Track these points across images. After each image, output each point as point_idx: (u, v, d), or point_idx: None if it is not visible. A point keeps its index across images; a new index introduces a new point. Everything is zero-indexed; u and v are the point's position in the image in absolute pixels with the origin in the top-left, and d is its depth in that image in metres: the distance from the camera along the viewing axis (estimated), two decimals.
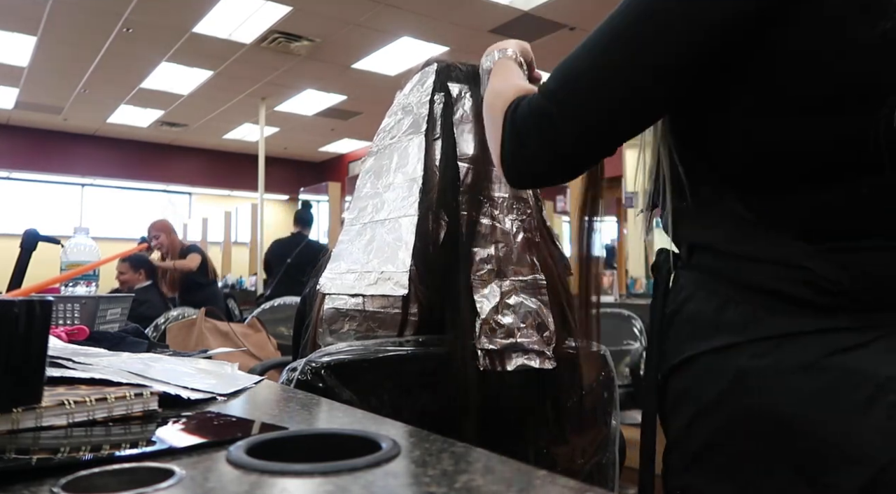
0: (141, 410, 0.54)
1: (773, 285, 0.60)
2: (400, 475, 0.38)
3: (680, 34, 0.59)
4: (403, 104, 1.04)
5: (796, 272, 0.59)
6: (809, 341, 0.58)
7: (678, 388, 0.65)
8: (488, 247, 0.91)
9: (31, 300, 0.48)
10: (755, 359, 0.59)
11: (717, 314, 0.63)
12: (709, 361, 0.62)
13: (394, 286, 0.89)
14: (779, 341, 0.58)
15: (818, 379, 0.56)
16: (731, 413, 0.60)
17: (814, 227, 0.59)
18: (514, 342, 0.88)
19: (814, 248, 0.58)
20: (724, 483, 0.60)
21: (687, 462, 0.63)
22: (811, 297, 0.58)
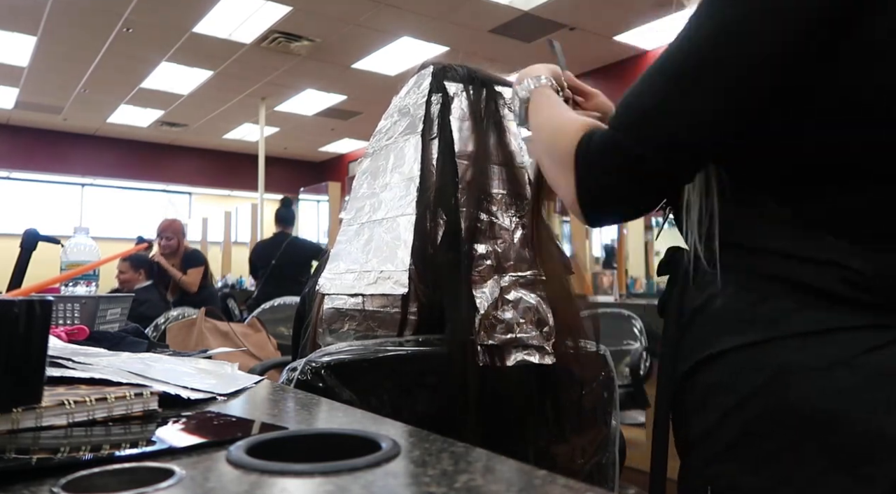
0: (141, 410, 0.54)
1: (810, 281, 0.60)
2: (400, 475, 0.38)
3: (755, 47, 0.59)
4: (400, 106, 1.05)
5: (833, 269, 0.59)
6: (845, 337, 0.58)
7: (709, 382, 0.65)
8: (487, 243, 0.92)
9: (31, 300, 0.48)
10: (793, 354, 0.60)
11: (750, 309, 0.63)
12: (744, 355, 0.62)
13: (393, 285, 0.89)
14: (815, 337, 0.59)
15: (854, 375, 0.57)
16: (768, 406, 0.60)
17: (851, 228, 0.60)
18: (513, 337, 0.88)
19: (851, 247, 0.59)
20: (758, 473, 0.60)
21: (719, 452, 0.63)
22: (847, 294, 0.59)
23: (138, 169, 10.25)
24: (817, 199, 0.62)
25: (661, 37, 6.15)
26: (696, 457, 0.67)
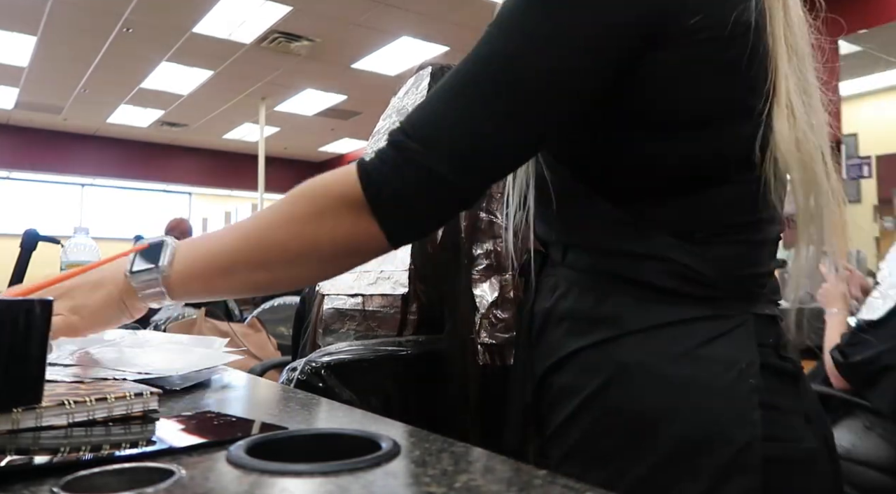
0: (141, 410, 0.54)
1: (645, 278, 0.62)
2: (400, 475, 0.38)
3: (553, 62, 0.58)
4: (398, 107, 1.05)
5: (665, 264, 0.61)
6: (679, 331, 0.61)
7: (560, 383, 0.66)
8: (487, 242, 0.92)
9: (30, 300, 0.48)
10: (631, 352, 0.61)
11: (594, 308, 0.64)
12: (589, 355, 0.63)
13: (393, 285, 0.89)
14: (654, 332, 0.61)
15: (687, 368, 0.59)
16: (607, 406, 0.62)
17: (682, 226, 0.62)
18: (513, 336, 0.88)
19: (680, 243, 0.61)
20: (598, 472, 0.61)
21: (566, 452, 0.64)
22: (679, 287, 0.61)
23: (138, 169, 10.25)
24: (649, 200, 0.63)
25: None
26: (549, 455, 0.67)
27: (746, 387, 0.58)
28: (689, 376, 0.59)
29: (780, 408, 0.60)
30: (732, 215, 0.63)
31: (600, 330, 0.63)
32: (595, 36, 0.58)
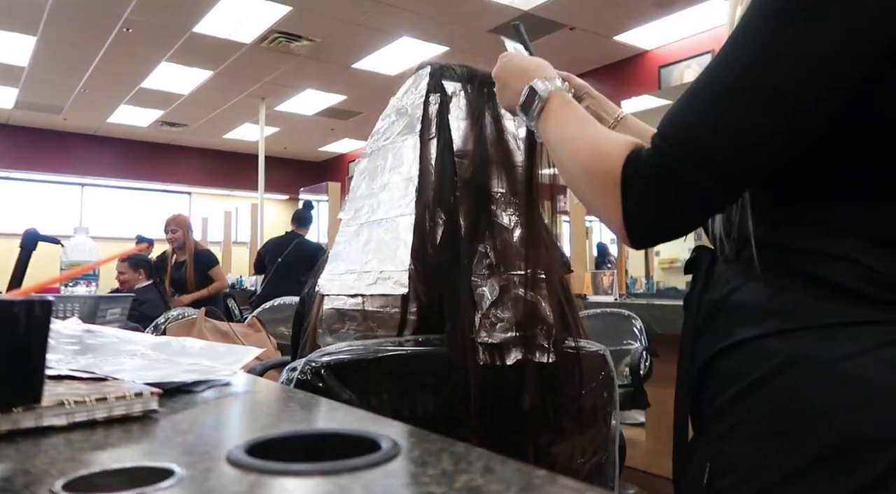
0: (141, 410, 0.54)
1: (829, 276, 0.61)
2: (400, 475, 0.38)
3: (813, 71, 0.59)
4: (397, 107, 1.05)
5: (853, 266, 0.61)
6: (858, 331, 0.60)
7: (726, 368, 0.67)
8: (486, 241, 0.92)
9: (31, 300, 0.48)
10: (805, 345, 0.61)
11: (769, 301, 0.65)
12: (759, 344, 0.64)
13: (394, 285, 0.89)
14: (832, 329, 0.61)
15: (864, 366, 0.58)
16: (773, 393, 0.62)
17: (873, 230, 0.61)
18: (513, 336, 0.88)
19: (873, 247, 0.60)
20: (753, 455, 0.63)
21: (723, 432, 0.66)
22: (866, 291, 0.60)
23: (138, 169, 10.24)
24: (842, 206, 0.63)
25: (661, 37, 6.15)
26: (702, 437, 0.69)
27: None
28: (865, 374, 0.58)
29: None
30: None
31: (773, 321, 0.63)
32: (837, 49, 0.58)
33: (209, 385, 0.68)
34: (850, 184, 0.63)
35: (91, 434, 0.49)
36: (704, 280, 0.73)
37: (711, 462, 0.66)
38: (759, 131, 0.61)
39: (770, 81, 0.60)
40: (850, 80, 0.59)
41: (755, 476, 0.62)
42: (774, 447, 0.62)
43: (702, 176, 0.61)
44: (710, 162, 0.61)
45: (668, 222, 0.65)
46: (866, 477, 0.57)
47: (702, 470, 0.67)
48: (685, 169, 0.61)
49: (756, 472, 0.62)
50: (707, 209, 0.66)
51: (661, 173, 0.63)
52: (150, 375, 0.65)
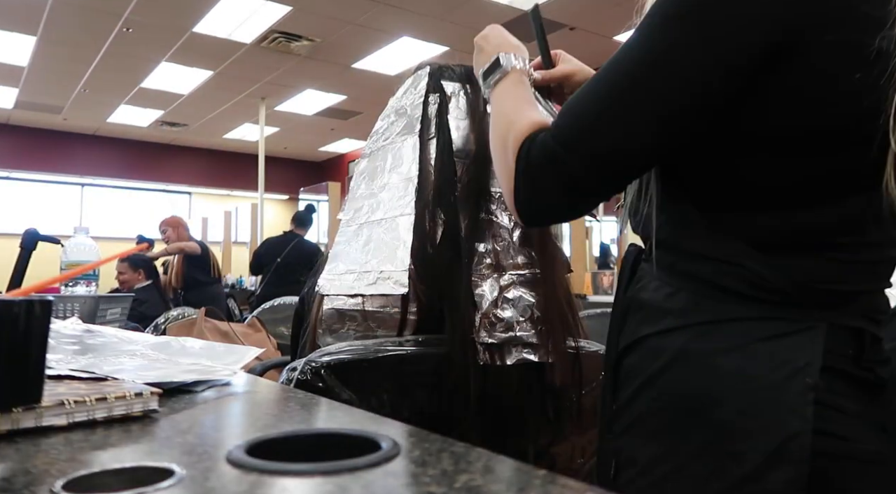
0: (141, 410, 0.54)
1: (717, 279, 0.65)
2: (400, 474, 0.38)
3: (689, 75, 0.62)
4: (396, 107, 1.05)
5: (739, 270, 0.64)
6: (743, 326, 0.64)
7: (628, 365, 0.71)
8: (486, 241, 0.92)
9: (31, 300, 0.48)
10: (692, 341, 0.65)
11: (665, 300, 0.69)
12: (654, 342, 0.69)
13: (393, 285, 0.89)
14: (715, 325, 0.65)
15: (743, 360, 0.62)
16: (664, 387, 0.66)
17: (761, 239, 0.65)
18: (513, 336, 0.88)
19: (757, 253, 0.64)
20: (650, 447, 0.66)
21: (624, 428, 0.70)
22: (749, 292, 0.64)
23: (138, 169, 10.24)
24: (734, 213, 0.66)
25: None
26: (610, 433, 0.73)
27: (800, 385, 0.60)
28: (738, 367, 0.62)
29: (844, 411, 0.61)
30: (833, 235, 0.64)
31: (667, 319, 0.68)
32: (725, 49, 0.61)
33: (209, 385, 0.68)
34: (735, 190, 0.66)
35: (91, 434, 0.49)
36: (628, 277, 0.76)
37: (616, 457, 0.70)
38: (630, 129, 0.64)
39: (646, 83, 0.63)
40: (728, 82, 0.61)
41: (647, 470, 0.66)
42: (663, 441, 0.66)
43: (577, 164, 0.65)
44: (587, 153, 0.65)
45: (548, 203, 0.69)
46: (742, 469, 0.59)
47: (608, 466, 0.71)
48: (564, 156, 0.65)
49: (648, 466, 0.66)
50: (583, 195, 0.68)
51: (544, 156, 0.67)
52: (150, 375, 0.65)
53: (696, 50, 0.61)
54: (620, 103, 0.64)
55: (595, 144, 0.65)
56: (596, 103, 0.66)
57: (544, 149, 0.67)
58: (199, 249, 4.44)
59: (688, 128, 0.64)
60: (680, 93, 0.62)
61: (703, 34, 0.61)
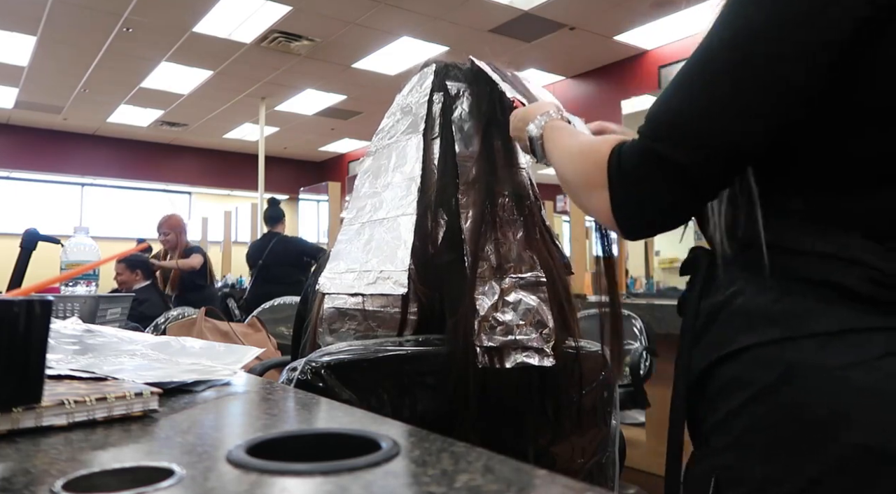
0: (141, 410, 0.54)
1: (834, 278, 0.60)
2: (400, 474, 0.38)
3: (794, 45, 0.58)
4: (402, 105, 1.04)
5: (859, 268, 0.59)
6: (861, 339, 0.58)
7: (728, 376, 0.65)
8: (488, 243, 0.92)
9: (30, 300, 0.48)
10: (808, 354, 0.59)
11: (772, 306, 0.63)
12: (763, 352, 0.62)
13: (393, 285, 0.89)
14: (833, 337, 0.59)
15: (867, 376, 0.57)
16: (777, 402, 0.61)
17: (881, 228, 0.60)
18: (512, 339, 0.88)
19: (879, 246, 0.59)
20: (761, 467, 0.61)
21: (728, 443, 0.64)
22: (872, 292, 0.58)
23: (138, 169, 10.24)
24: (844, 200, 0.61)
25: (661, 37, 6.15)
26: (705, 448, 0.68)
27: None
28: (870, 384, 0.57)
29: None
30: None
31: (777, 328, 0.62)
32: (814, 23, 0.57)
33: (209, 384, 0.68)
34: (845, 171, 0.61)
35: (91, 434, 0.49)
36: (703, 283, 0.71)
37: (717, 475, 0.64)
38: (736, 108, 0.60)
39: (747, 60, 0.59)
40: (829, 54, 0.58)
41: (763, 490, 0.61)
42: (781, 460, 0.60)
43: (681, 152, 0.60)
44: (689, 139, 0.61)
45: (655, 205, 0.64)
46: (878, 492, 0.55)
47: (706, 484, 0.65)
48: (665, 147, 0.61)
49: (763, 486, 0.61)
50: (693, 190, 0.63)
51: (642, 155, 0.63)
52: (150, 375, 0.65)
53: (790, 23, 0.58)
54: (718, 86, 0.60)
55: (697, 131, 0.61)
56: (688, 92, 0.62)
57: (642, 153, 0.63)
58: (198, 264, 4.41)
59: (802, 101, 0.60)
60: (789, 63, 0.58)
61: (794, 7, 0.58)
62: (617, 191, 0.65)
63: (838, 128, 0.61)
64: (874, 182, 0.60)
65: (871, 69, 0.58)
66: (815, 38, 0.58)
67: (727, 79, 0.60)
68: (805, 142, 0.62)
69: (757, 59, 0.59)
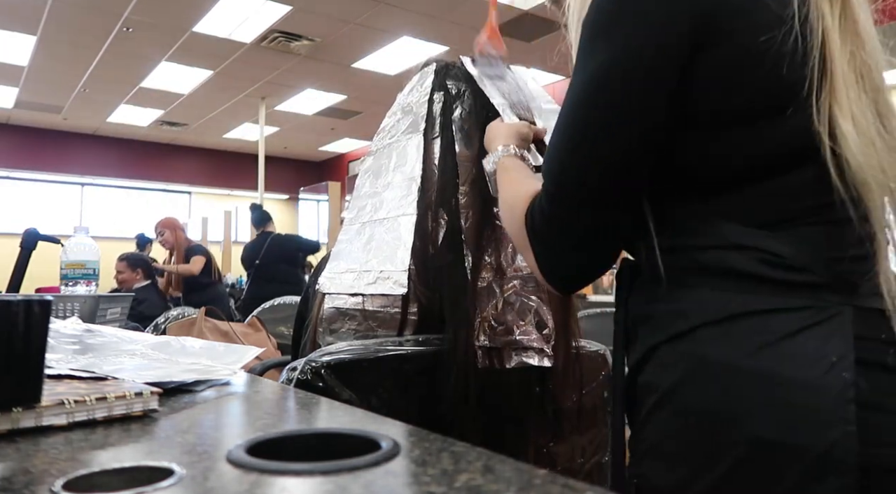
0: (141, 410, 0.54)
1: (726, 265, 0.61)
2: (400, 474, 0.38)
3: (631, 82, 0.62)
4: (403, 104, 1.04)
5: (747, 251, 0.61)
6: (759, 322, 0.58)
7: (641, 382, 0.66)
8: (488, 244, 0.91)
9: (30, 299, 0.48)
10: (708, 346, 0.60)
11: (670, 303, 0.64)
12: (666, 350, 0.63)
13: (393, 285, 0.89)
14: (732, 322, 0.59)
15: (769, 361, 0.57)
16: (681, 404, 0.61)
17: (754, 216, 0.62)
18: (513, 339, 0.88)
19: (756, 230, 0.61)
20: (672, 473, 0.61)
21: (644, 449, 0.64)
22: (761, 271, 0.59)
23: (138, 168, 10.24)
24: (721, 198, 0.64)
25: None
26: (632, 452, 0.68)
27: (838, 383, 0.54)
28: (768, 370, 0.56)
29: (888, 409, 0.55)
30: (804, 199, 0.62)
31: (676, 323, 0.63)
32: (652, 53, 0.61)
33: (209, 384, 0.68)
34: (700, 174, 0.64)
35: (91, 433, 0.49)
36: (627, 293, 0.72)
37: (637, 482, 0.65)
38: (594, 160, 0.64)
39: (595, 110, 0.63)
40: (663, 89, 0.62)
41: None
42: (686, 465, 0.60)
43: (562, 209, 0.66)
44: (570, 198, 0.65)
45: (567, 263, 0.69)
46: (782, 487, 0.54)
47: (629, 491, 0.66)
48: (557, 210, 0.66)
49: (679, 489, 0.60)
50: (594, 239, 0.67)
51: (542, 217, 0.67)
52: (150, 374, 0.65)
53: (623, 63, 0.62)
54: (574, 139, 0.65)
55: (569, 186, 0.65)
56: (557, 144, 0.66)
57: (541, 211, 0.68)
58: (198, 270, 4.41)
59: (651, 139, 0.64)
60: (631, 100, 0.62)
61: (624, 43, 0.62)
62: (539, 255, 0.69)
63: (695, 138, 0.64)
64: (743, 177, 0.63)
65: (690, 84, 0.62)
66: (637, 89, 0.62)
67: (578, 136, 0.65)
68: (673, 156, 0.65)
69: (602, 101, 0.63)
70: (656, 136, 0.64)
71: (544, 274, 0.69)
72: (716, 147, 0.63)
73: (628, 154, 0.64)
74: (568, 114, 0.66)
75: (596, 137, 0.64)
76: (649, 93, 0.62)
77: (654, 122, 0.63)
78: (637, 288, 0.71)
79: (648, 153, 0.64)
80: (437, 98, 1.00)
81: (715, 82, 0.62)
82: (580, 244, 0.67)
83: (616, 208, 0.66)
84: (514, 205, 0.74)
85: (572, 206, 0.66)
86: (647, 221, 0.68)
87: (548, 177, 0.67)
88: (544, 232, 0.68)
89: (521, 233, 0.71)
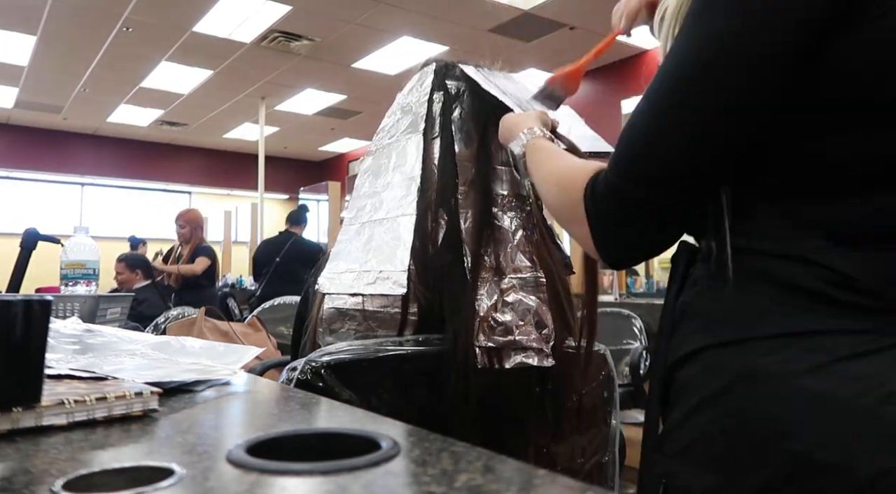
0: (141, 410, 0.54)
1: (790, 279, 0.58)
2: (400, 474, 0.38)
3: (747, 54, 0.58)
4: (402, 104, 1.04)
5: (814, 268, 0.57)
6: (819, 342, 0.56)
7: (682, 379, 0.64)
8: (487, 244, 0.91)
9: (30, 299, 0.48)
10: (760, 358, 0.58)
11: (726, 307, 0.62)
12: (714, 355, 0.61)
13: (392, 285, 0.88)
14: (787, 340, 0.57)
15: (824, 381, 0.54)
16: (727, 410, 0.59)
17: (841, 231, 0.58)
18: (512, 339, 0.88)
19: (834, 246, 0.57)
20: (707, 477, 0.59)
21: (677, 450, 0.63)
22: (827, 291, 0.56)
23: (138, 168, 10.24)
24: (815, 204, 0.60)
25: None
26: (657, 452, 0.66)
27: (890, 414, 0.52)
28: (823, 390, 0.54)
29: None
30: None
31: (730, 329, 0.61)
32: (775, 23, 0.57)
33: (209, 384, 0.68)
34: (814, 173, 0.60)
35: (91, 433, 0.49)
36: (680, 281, 0.70)
37: (666, 481, 0.63)
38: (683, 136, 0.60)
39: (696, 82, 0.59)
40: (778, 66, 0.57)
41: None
42: (725, 471, 0.58)
43: (641, 189, 0.62)
44: (644, 174, 0.62)
45: (632, 240, 0.66)
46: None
47: (655, 490, 0.64)
48: (626, 184, 0.63)
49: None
50: (661, 221, 0.65)
51: (609, 193, 0.64)
52: (150, 374, 0.65)
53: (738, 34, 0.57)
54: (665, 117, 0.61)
55: (649, 163, 0.62)
56: (642, 122, 0.63)
57: (605, 188, 0.65)
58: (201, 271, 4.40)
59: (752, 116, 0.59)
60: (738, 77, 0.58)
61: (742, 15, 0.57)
62: (596, 228, 0.66)
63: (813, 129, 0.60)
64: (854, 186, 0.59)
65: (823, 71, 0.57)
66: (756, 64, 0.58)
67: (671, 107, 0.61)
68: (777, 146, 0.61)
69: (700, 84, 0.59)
70: (762, 119, 0.59)
71: (598, 248, 0.67)
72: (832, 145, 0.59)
73: (727, 137, 0.60)
74: (663, 81, 0.61)
75: (694, 110, 0.59)
76: (772, 69, 0.57)
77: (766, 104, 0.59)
78: (693, 278, 0.68)
79: (749, 137, 0.60)
80: (437, 98, 1.00)
81: (853, 71, 0.56)
82: (643, 224, 0.65)
83: (691, 192, 0.63)
84: (564, 178, 0.71)
85: (646, 183, 0.62)
86: (722, 216, 0.64)
87: (625, 149, 0.64)
88: (607, 206, 0.65)
89: (572, 205, 0.68)
